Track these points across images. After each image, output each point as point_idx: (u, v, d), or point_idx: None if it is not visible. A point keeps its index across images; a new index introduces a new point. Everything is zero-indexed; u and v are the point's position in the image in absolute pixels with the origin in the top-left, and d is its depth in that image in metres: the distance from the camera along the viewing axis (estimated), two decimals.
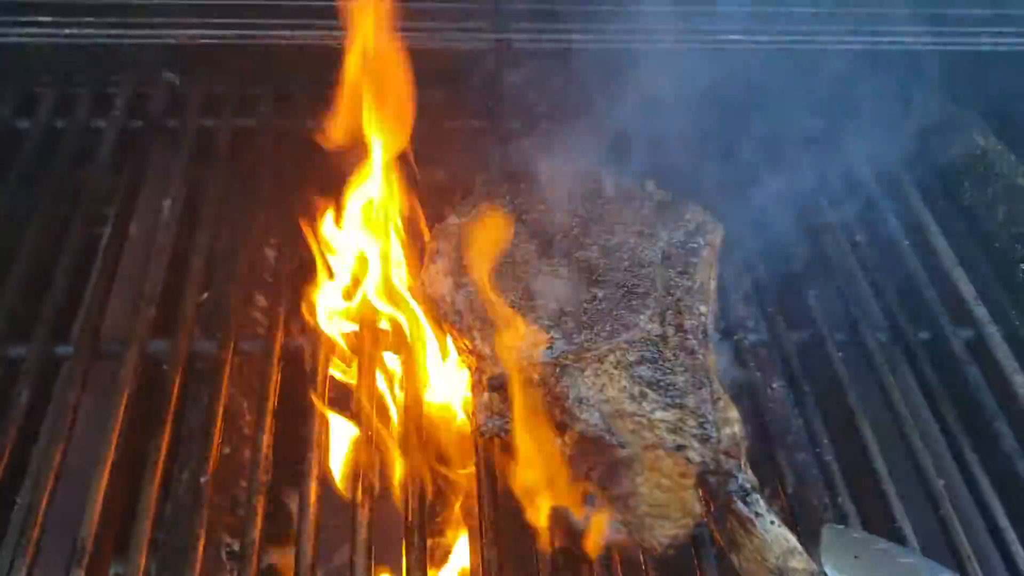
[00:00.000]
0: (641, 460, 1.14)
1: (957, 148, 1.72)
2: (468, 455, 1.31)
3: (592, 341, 1.23)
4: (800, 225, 1.63)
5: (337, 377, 1.39)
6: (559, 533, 1.20)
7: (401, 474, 1.27)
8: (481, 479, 1.25)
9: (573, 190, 1.43)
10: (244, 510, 1.22)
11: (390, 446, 1.31)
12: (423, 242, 1.45)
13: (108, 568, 1.28)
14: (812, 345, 1.47)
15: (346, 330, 1.43)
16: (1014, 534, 1.26)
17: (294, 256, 1.53)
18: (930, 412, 1.42)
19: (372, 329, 1.41)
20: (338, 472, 1.32)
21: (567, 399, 1.18)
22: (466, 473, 1.32)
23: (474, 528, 1.22)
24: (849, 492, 1.29)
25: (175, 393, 1.34)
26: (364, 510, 1.21)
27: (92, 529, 1.20)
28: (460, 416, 1.37)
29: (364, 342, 1.40)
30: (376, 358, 1.39)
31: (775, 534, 1.14)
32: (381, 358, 1.40)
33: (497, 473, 1.25)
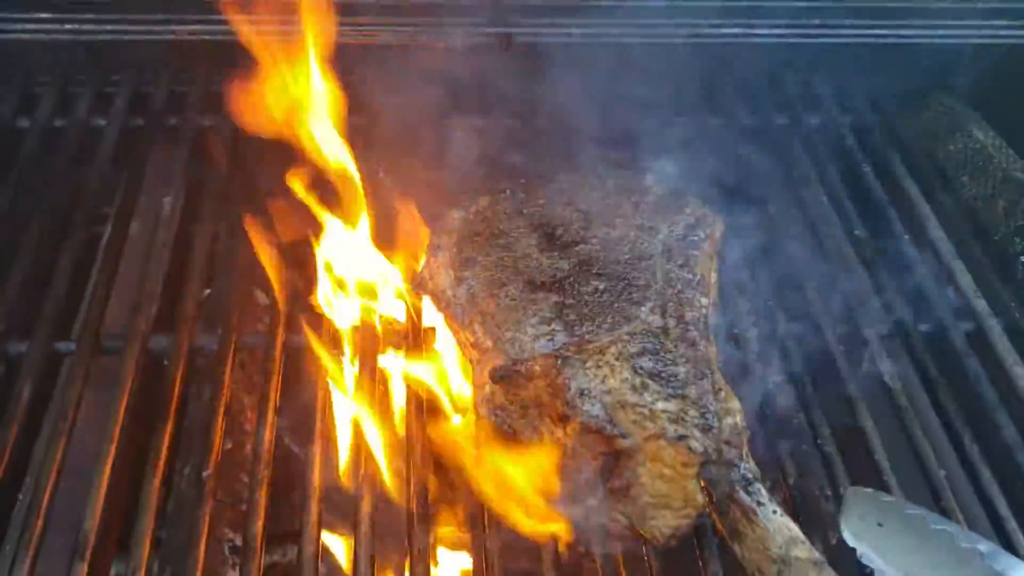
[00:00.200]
0: (643, 450, 1.14)
1: (956, 142, 1.73)
2: (471, 448, 1.30)
3: (593, 333, 1.23)
4: (799, 219, 1.63)
5: (339, 370, 1.39)
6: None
7: (404, 467, 1.27)
8: (483, 469, 1.25)
9: (573, 184, 1.43)
10: (246, 504, 1.22)
11: (393, 440, 1.31)
12: (422, 238, 1.45)
13: (110, 563, 1.28)
14: (812, 337, 1.47)
15: (348, 326, 1.43)
16: (1015, 523, 1.26)
17: (295, 252, 1.53)
18: (931, 404, 1.43)
19: (374, 324, 1.42)
20: (341, 465, 1.32)
21: (568, 391, 1.18)
22: (468, 466, 1.31)
23: (477, 520, 1.22)
24: (851, 483, 1.29)
25: (176, 389, 1.34)
26: (367, 503, 1.21)
27: (94, 523, 1.19)
28: (463, 409, 1.37)
29: (366, 337, 1.40)
30: (378, 353, 1.39)
31: (778, 523, 1.14)
32: (383, 353, 1.40)
33: (499, 465, 1.25)
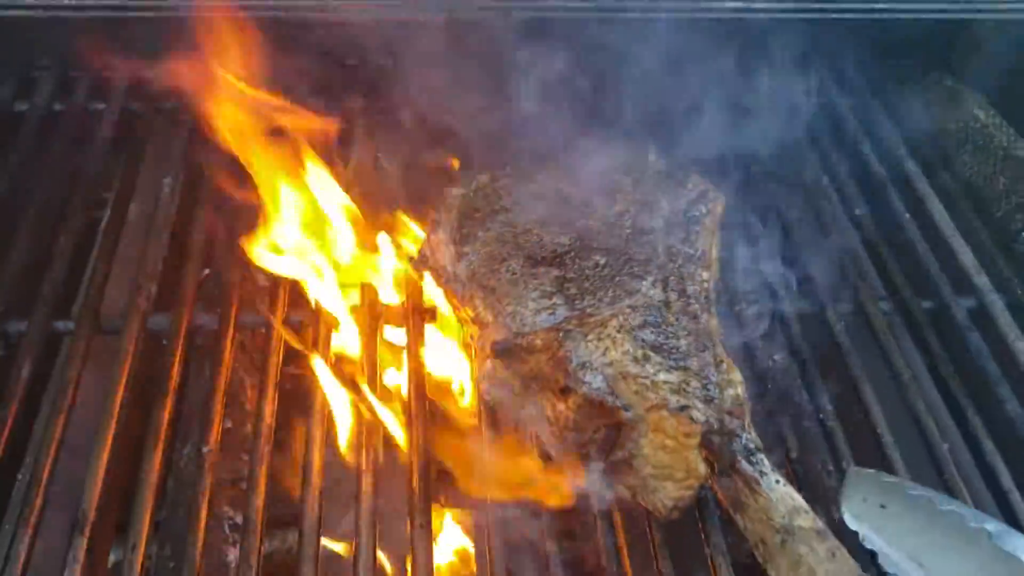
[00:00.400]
0: (645, 421, 1.14)
1: (956, 121, 1.72)
2: (472, 422, 1.30)
3: (595, 306, 1.22)
4: (801, 198, 1.63)
5: (340, 350, 1.39)
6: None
7: (405, 443, 1.27)
8: (484, 443, 1.24)
9: (574, 161, 1.43)
10: (247, 481, 1.21)
11: (394, 415, 1.31)
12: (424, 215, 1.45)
13: (110, 539, 1.27)
14: (814, 315, 1.47)
15: (349, 305, 1.42)
16: (1019, 495, 1.26)
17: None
18: (933, 379, 1.42)
19: (375, 302, 1.41)
20: (342, 442, 1.32)
21: (570, 363, 1.17)
22: (470, 440, 1.31)
23: (479, 494, 1.21)
24: (853, 457, 1.28)
25: (176, 367, 1.34)
26: (368, 479, 1.21)
27: (94, 500, 1.19)
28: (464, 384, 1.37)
29: (367, 315, 1.39)
30: (379, 330, 1.38)
31: (780, 493, 1.13)
32: (383, 330, 1.40)
33: (500, 440, 1.25)
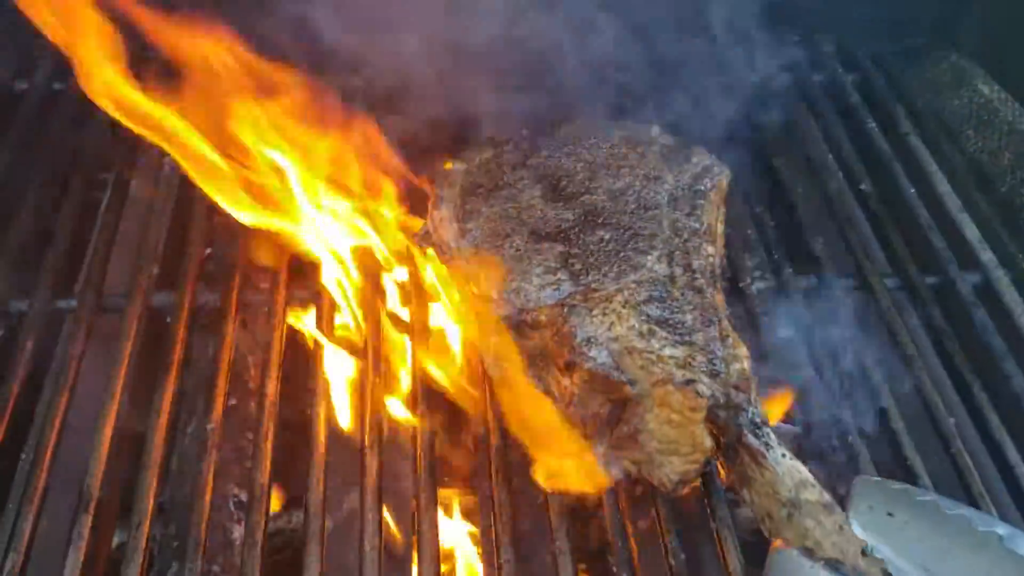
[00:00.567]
0: (650, 396, 1.13)
1: (961, 97, 1.71)
2: (477, 399, 1.30)
3: (599, 282, 1.22)
4: (805, 173, 1.62)
5: (343, 327, 1.38)
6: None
7: (410, 419, 1.26)
8: (489, 422, 1.24)
9: (578, 136, 1.42)
10: (252, 456, 1.21)
11: (399, 392, 1.31)
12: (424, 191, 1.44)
13: (115, 517, 1.27)
14: (819, 290, 1.47)
15: (352, 281, 1.42)
16: None
17: None
18: (939, 355, 1.42)
19: (378, 281, 1.41)
20: (347, 419, 1.32)
21: (575, 338, 1.17)
22: (475, 416, 1.31)
23: (484, 470, 1.21)
24: (859, 432, 1.28)
25: (179, 345, 1.33)
26: (373, 455, 1.21)
27: (98, 478, 1.19)
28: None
29: (370, 292, 1.39)
30: (382, 307, 1.38)
31: (787, 466, 1.13)
32: (386, 307, 1.39)
33: (505, 416, 1.24)
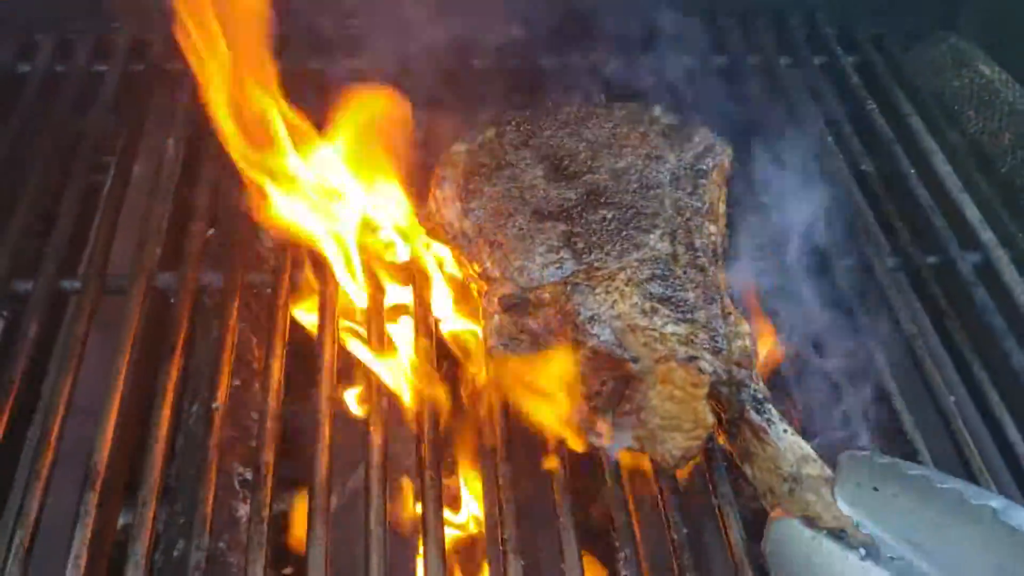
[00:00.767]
0: (653, 373, 1.14)
1: (961, 78, 1.72)
2: (480, 376, 1.31)
3: (602, 260, 1.23)
4: (806, 155, 1.62)
5: (347, 306, 1.39)
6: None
7: (414, 396, 1.27)
8: (493, 400, 1.25)
9: (580, 115, 1.42)
10: (256, 438, 1.22)
11: (402, 369, 1.31)
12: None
13: (121, 494, 1.28)
14: (820, 270, 1.47)
15: (355, 261, 1.42)
16: None
17: None
18: (939, 334, 1.43)
19: (382, 261, 1.41)
20: (351, 396, 1.32)
21: (578, 316, 1.18)
22: (479, 393, 1.31)
23: (488, 447, 1.22)
24: (860, 410, 1.29)
25: (183, 325, 1.34)
26: (378, 432, 1.21)
27: (104, 455, 1.19)
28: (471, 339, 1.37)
29: (372, 271, 1.39)
30: (384, 285, 1.38)
31: (788, 442, 1.14)
32: (390, 285, 1.40)
33: (509, 393, 1.25)
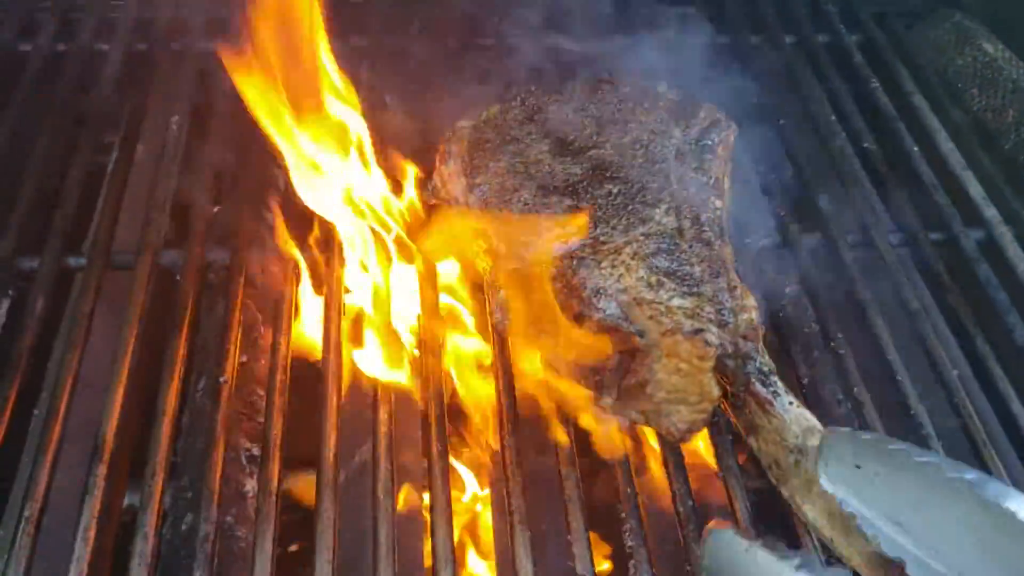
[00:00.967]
0: (659, 346, 1.15)
1: (965, 56, 1.72)
2: (486, 351, 1.31)
3: (608, 235, 1.23)
4: (810, 133, 1.63)
5: (353, 282, 1.39)
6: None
7: (420, 370, 1.28)
8: (498, 373, 1.25)
9: (585, 92, 1.42)
10: (264, 414, 1.22)
11: (409, 345, 1.32)
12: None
13: (128, 469, 1.28)
14: (825, 247, 1.48)
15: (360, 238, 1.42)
16: None
17: None
18: (942, 309, 1.43)
19: (389, 238, 1.41)
20: (357, 372, 1.33)
21: (584, 290, 1.18)
22: (484, 368, 1.32)
23: (494, 419, 1.22)
24: (864, 383, 1.29)
25: (190, 302, 1.34)
26: (384, 406, 1.22)
27: (111, 429, 1.20)
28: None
29: (379, 249, 1.39)
30: (391, 263, 1.38)
31: (794, 414, 1.14)
32: (396, 263, 1.40)
33: (514, 367, 1.26)
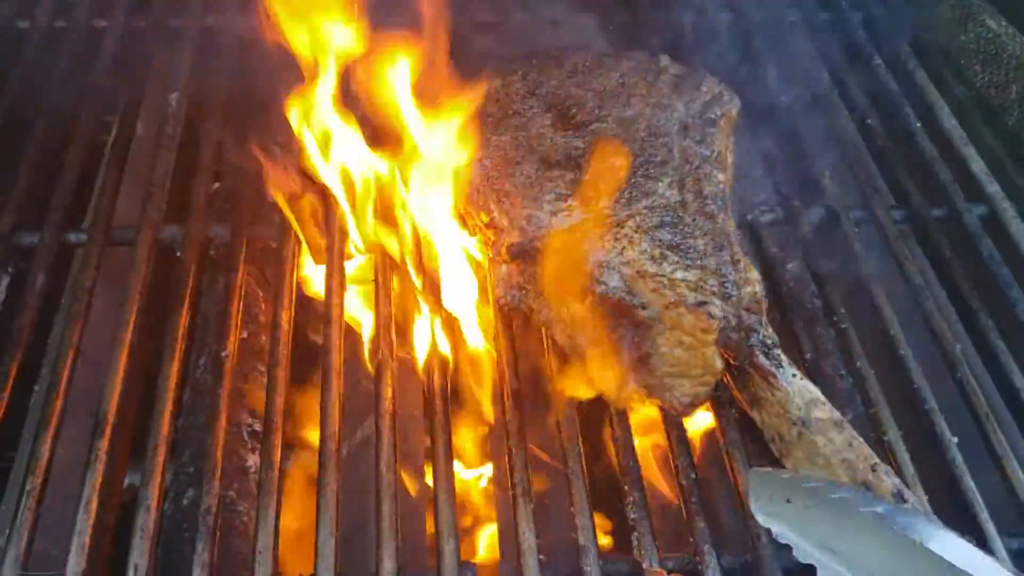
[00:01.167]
0: (662, 319, 1.14)
1: (968, 32, 1.71)
2: (487, 326, 1.31)
3: (611, 208, 1.22)
4: (812, 109, 1.62)
5: (355, 259, 1.39)
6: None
7: (423, 346, 1.27)
8: (501, 349, 1.25)
9: (587, 65, 1.41)
10: (265, 389, 1.21)
11: (412, 321, 1.31)
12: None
13: (129, 443, 1.28)
14: (827, 223, 1.47)
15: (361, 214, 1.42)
16: None
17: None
18: (945, 285, 1.43)
19: (391, 215, 1.41)
20: (359, 348, 1.33)
21: (587, 263, 1.18)
22: (486, 343, 1.32)
23: (495, 395, 1.22)
24: (867, 358, 1.29)
25: (191, 278, 1.34)
26: (387, 381, 1.21)
27: (112, 404, 1.19)
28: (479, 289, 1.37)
29: (379, 224, 1.39)
30: (394, 240, 1.38)
31: (797, 386, 1.14)
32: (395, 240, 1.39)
33: (516, 343, 1.25)
